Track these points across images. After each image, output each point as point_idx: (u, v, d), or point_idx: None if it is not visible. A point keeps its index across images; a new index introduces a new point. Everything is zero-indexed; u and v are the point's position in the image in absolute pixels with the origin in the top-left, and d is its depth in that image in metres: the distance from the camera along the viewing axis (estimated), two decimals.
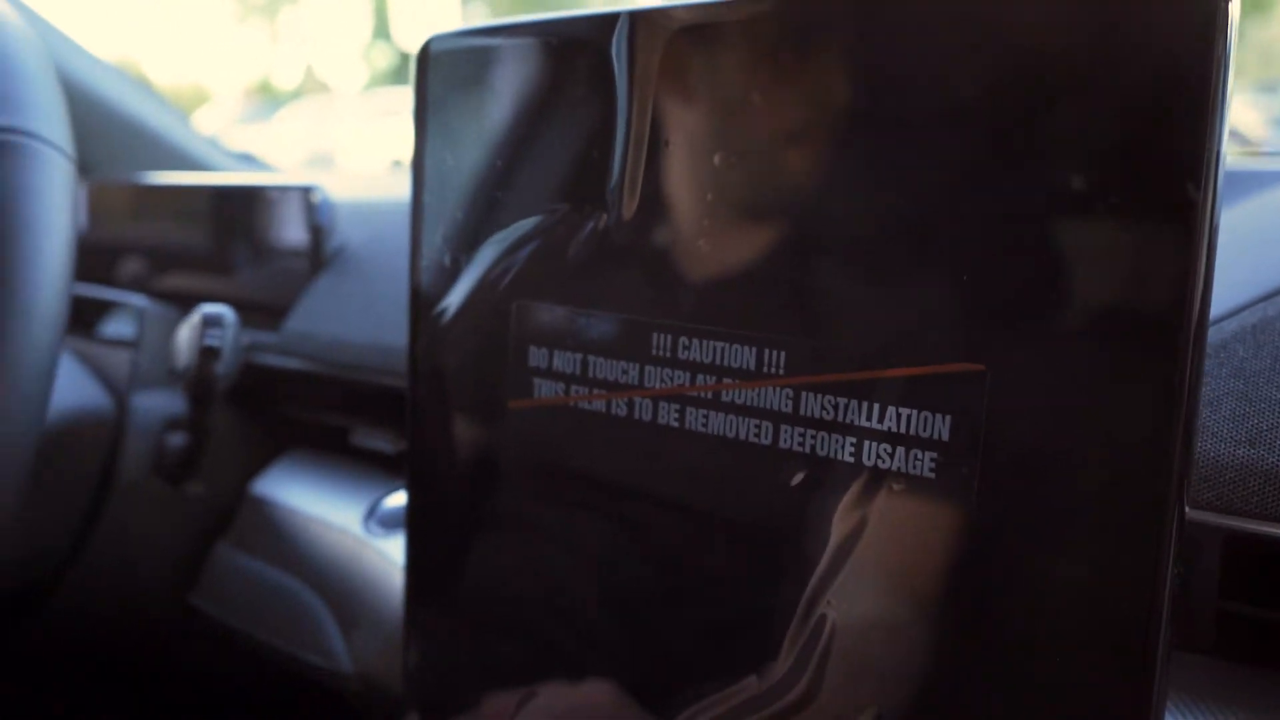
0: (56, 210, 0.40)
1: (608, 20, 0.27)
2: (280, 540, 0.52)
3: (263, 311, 0.56)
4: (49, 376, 0.38)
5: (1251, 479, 0.29)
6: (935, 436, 0.22)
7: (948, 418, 0.22)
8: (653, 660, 0.28)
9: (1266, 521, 0.29)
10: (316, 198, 0.56)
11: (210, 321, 0.49)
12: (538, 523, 0.30)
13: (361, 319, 0.53)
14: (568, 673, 0.29)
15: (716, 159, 0.25)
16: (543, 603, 0.30)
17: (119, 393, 0.53)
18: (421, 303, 0.31)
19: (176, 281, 0.64)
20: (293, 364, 0.54)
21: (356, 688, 0.46)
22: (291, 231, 0.58)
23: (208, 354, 0.48)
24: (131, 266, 0.65)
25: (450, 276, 0.31)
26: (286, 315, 0.56)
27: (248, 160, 0.96)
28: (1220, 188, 0.19)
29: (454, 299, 0.31)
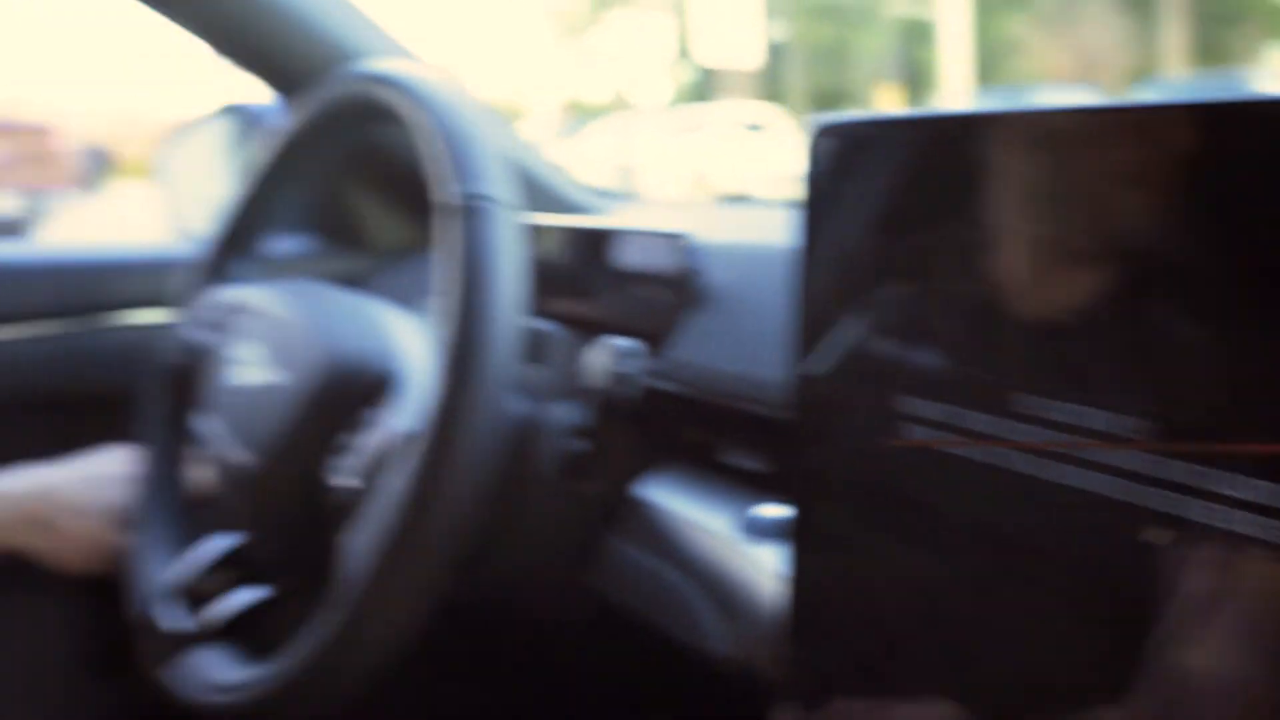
0: (517, 260, 0.51)
1: (981, 119, 0.32)
2: (662, 538, 0.60)
3: (634, 338, 0.66)
4: (513, 390, 0.49)
5: None
6: None
7: None
8: (1003, 694, 0.32)
9: None
10: (684, 242, 0.65)
11: (623, 352, 0.59)
12: (906, 552, 0.35)
13: (731, 352, 0.61)
14: (925, 694, 0.35)
15: (1079, 247, 0.29)
16: (907, 625, 0.35)
17: (534, 403, 0.64)
18: (807, 348, 0.37)
19: (561, 310, 0.75)
20: (673, 387, 0.63)
21: (731, 671, 0.54)
22: (664, 271, 0.67)
23: (620, 379, 0.58)
24: (533, 296, 0.78)
25: (833, 326, 0.37)
26: (665, 344, 0.65)
27: (611, 196, 1.08)
28: None
29: (835, 348, 0.37)
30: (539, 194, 1.01)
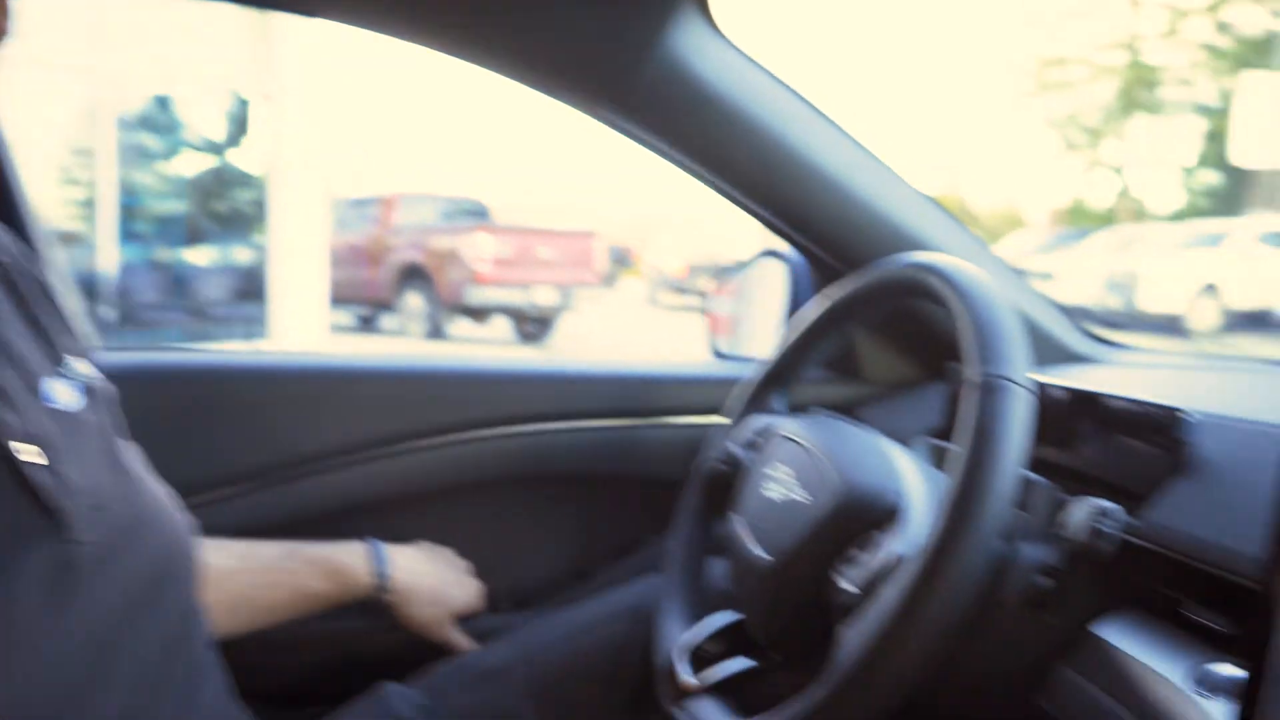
0: (1023, 433, 0.64)
1: None
2: (1115, 676, 0.68)
3: (1111, 491, 0.73)
4: (1000, 535, 0.60)
5: None
6: None
7: None
8: None
9: None
10: (1185, 417, 0.72)
11: (1104, 512, 0.68)
12: None
13: (1212, 521, 0.68)
14: None
15: None
16: None
17: (1010, 540, 0.74)
18: None
19: (1056, 459, 0.84)
20: (1147, 545, 0.70)
21: None
22: (1157, 437, 0.75)
23: (1099, 536, 0.67)
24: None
25: None
26: (1145, 504, 0.72)
27: (1109, 345, 1.12)
28: None
29: None
30: (1042, 342, 1.10)
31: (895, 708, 0.64)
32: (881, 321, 1.18)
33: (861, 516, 0.72)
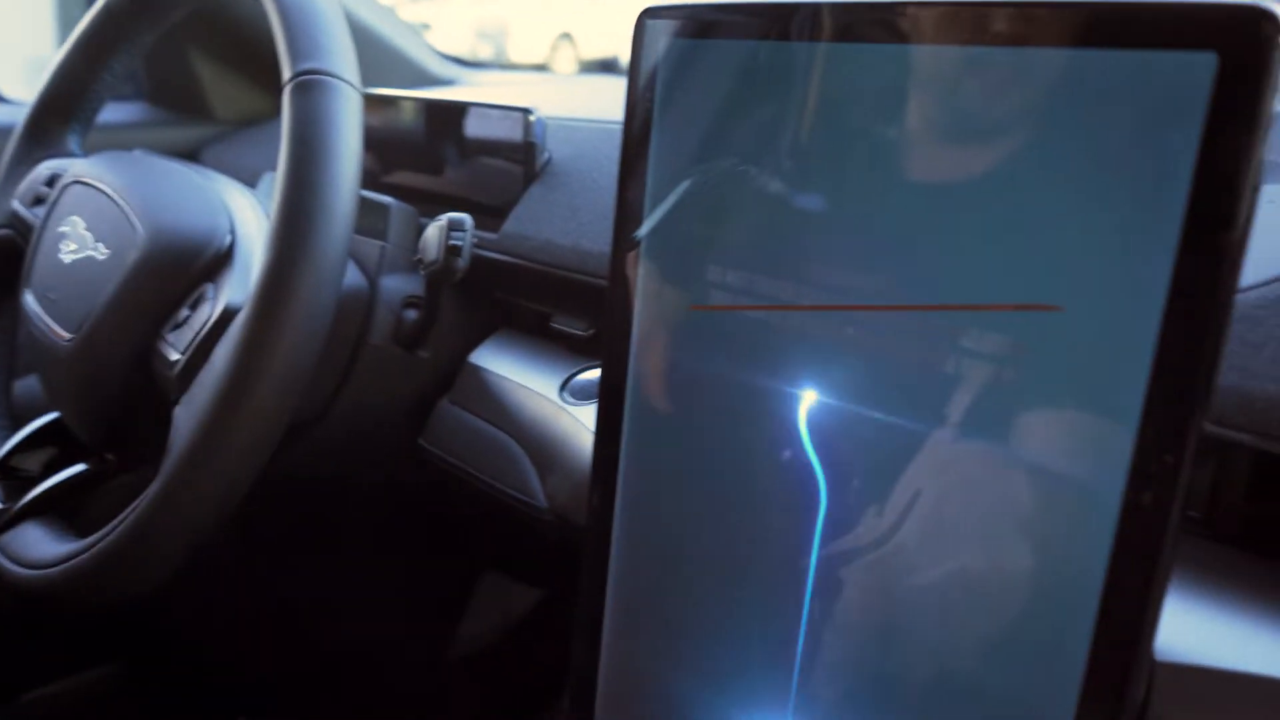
0: (352, 135, 0.52)
1: (795, 8, 0.35)
2: (491, 400, 0.64)
3: (478, 210, 0.68)
4: (344, 263, 0.50)
5: (1277, 409, 0.36)
6: None
7: None
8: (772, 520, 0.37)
9: None
10: (533, 118, 0.67)
11: (455, 225, 0.61)
12: (703, 403, 0.39)
13: (566, 225, 0.64)
14: (709, 525, 0.39)
15: (865, 137, 0.33)
16: (700, 465, 0.40)
17: (370, 274, 0.66)
18: (626, 221, 0.40)
19: (409, 181, 0.76)
20: (508, 259, 0.66)
21: (548, 519, 0.58)
22: (509, 146, 0.69)
23: (451, 252, 0.60)
24: (372, 168, 0.78)
25: (650, 205, 0.40)
26: (505, 218, 0.67)
27: (470, 65, 1.07)
28: (1258, 184, 0.25)
29: (652, 221, 0.40)
30: (393, 63, 1.00)
31: (252, 479, 0.53)
32: (212, 40, 1.00)
33: (181, 268, 0.58)
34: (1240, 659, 0.34)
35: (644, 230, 0.39)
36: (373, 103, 0.79)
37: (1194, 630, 0.36)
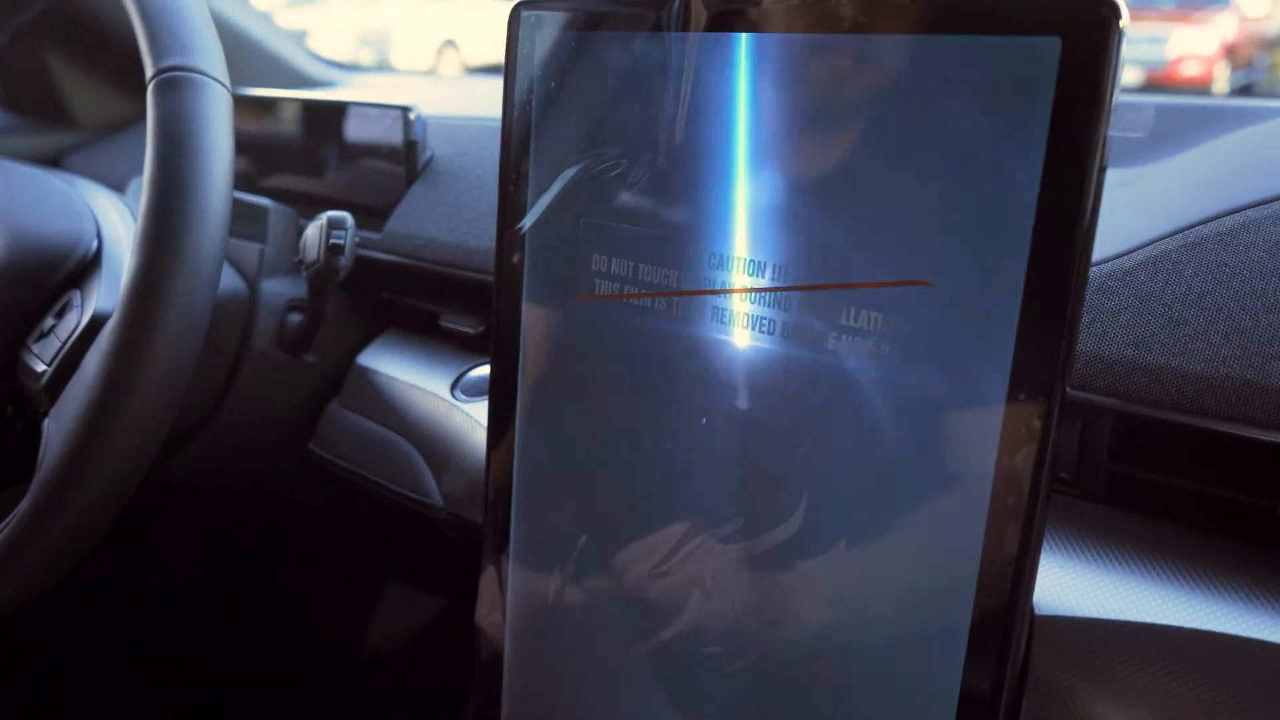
0: (222, 132, 0.50)
1: (659, 1, 0.35)
2: (381, 401, 0.63)
3: (361, 211, 0.67)
4: (219, 264, 0.49)
5: (1135, 373, 0.39)
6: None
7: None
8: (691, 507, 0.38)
9: (1145, 404, 0.39)
10: (413, 116, 0.66)
11: (335, 224, 0.59)
12: (593, 393, 0.40)
13: (450, 223, 0.64)
14: (621, 515, 0.39)
15: (738, 125, 0.34)
16: (593, 456, 0.40)
17: (250, 278, 0.64)
18: (509, 215, 0.40)
19: (288, 184, 0.74)
20: (393, 259, 0.65)
21: (445, 518, 0.58)
22: (390, 145, 0.68)
23: (333, 250, 0.59)
24: (249, 171, 0.76)
25: (532, 196, 0.40)
26: (388, 217, 0.66)
27: (348, 68, 1.05)
28: (1104, 162, 0.27)
29: (534, 214, 0.40)
30: (267, 66, 0.97)
31: (129, 492, 0.51)
32: (70, 42, 0.95)
33: (43, 275, 0.56)
34: (1111, 608, 0.37)
35: (527, 224, 0.39)
36: (246, 104, 0.77)
37: (1068, 583, 0.38)
